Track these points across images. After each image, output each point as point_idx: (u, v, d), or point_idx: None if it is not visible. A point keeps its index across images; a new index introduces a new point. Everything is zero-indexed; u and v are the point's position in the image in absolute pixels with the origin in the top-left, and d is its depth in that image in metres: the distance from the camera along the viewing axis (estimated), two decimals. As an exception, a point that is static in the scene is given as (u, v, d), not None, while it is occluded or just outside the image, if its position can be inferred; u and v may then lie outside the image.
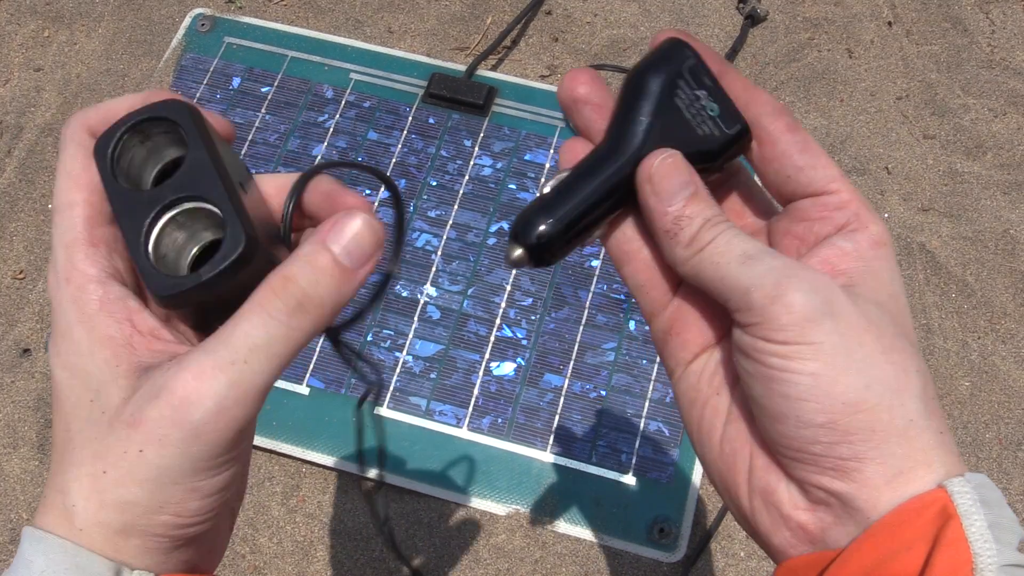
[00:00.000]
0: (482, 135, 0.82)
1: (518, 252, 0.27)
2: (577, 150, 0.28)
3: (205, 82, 0.84)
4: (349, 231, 0.25)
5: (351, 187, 0.27)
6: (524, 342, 0.74)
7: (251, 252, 0.24)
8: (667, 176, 0.26)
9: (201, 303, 0.25)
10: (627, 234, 0.29)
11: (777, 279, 0.24)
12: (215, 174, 0.24)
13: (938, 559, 0.22)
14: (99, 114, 0.26)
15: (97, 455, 0.23)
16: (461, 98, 0.82)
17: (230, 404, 0.23)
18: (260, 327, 0.23)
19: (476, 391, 0.72)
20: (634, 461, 0.69)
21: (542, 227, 0.26)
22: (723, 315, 0.28)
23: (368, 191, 0.79)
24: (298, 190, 0.27)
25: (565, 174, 0.27)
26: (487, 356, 0.73)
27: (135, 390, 0.23)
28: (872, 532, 0.23)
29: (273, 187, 0.28)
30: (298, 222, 0.28)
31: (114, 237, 0.25)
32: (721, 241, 0.25)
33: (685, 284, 0.29)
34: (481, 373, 0.72)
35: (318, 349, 0.73)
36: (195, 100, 0.83)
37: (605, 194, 0.27)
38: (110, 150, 0.25)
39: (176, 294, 0.24)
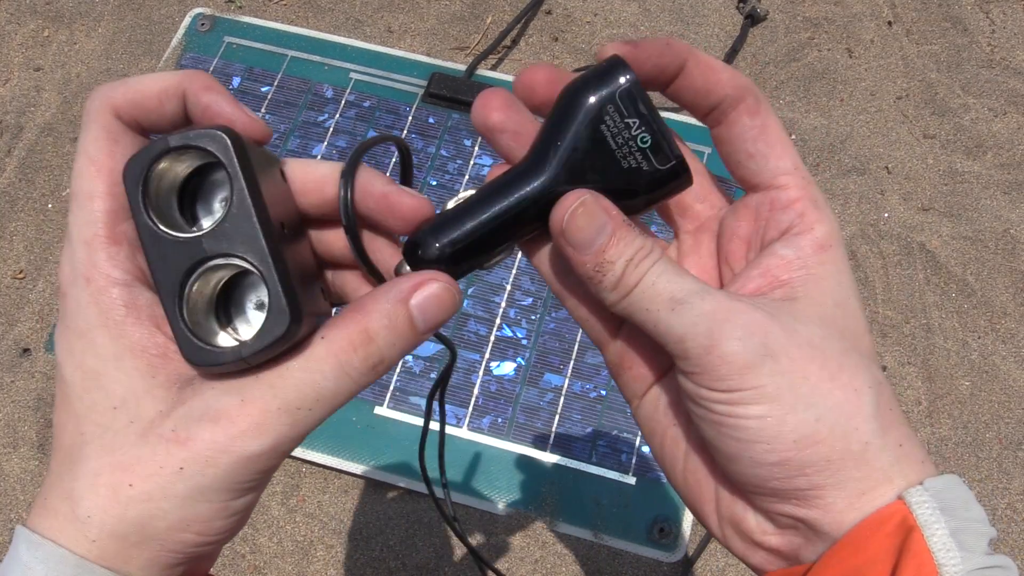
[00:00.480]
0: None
1: (406, 270, 0.26)
2: (536, 80, 0.26)
3: (205, 82, 0.84)
4: (434, 299, 0.24)
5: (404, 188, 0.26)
6: (524, 342, 0.74)
7: (296, 329, 0.22)
8: (581, 228, 0.24)
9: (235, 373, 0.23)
10: (562, 268, 0.28)
11: (709, 327, 0.23)
12: (259, 230, 0.22)
13: (903, 573, 0.22)
14: (128, 93, 0.24)
15: (121, 466, 0.22)
16: (461, 98, 0.82)
17: (285, 443, 0.23)
18: (332, 380, 0.23)
19: (476, 391, 0.72)
20: (634, 461, 0.69)
21: (432, 247, 0.25)
22: (664, 352, 0.28)
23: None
24: (347, 189, 0.25)
25: (469, 193, 0.26)
26: (487, 356, 0.73)
27: (174, 404, 0.23)
28: (836, 550, 0.23)
29: (312, 179, 0.26)
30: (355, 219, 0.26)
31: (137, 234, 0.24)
32: (647, 284, 0.24)
33: (626, 326, 0.28)
34: (481, 373, 0.72)
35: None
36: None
37: (509, 220, 0.25)
38: (142, 179, 0.23)
39: (211, 366, 0.23)
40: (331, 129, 0.82)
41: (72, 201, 0.24)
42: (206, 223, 0.24)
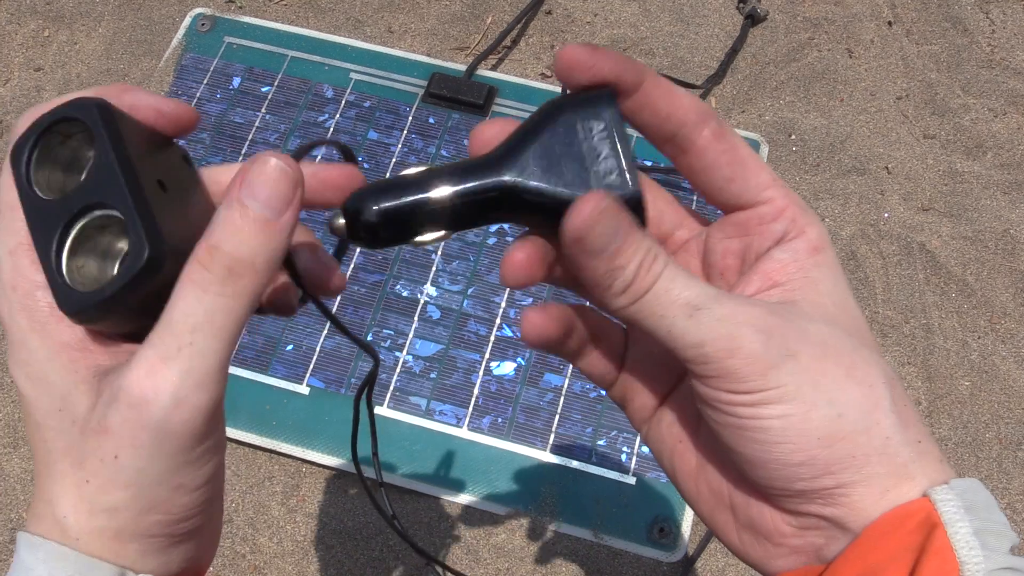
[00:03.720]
0: (482, 135, 0.82)
1: (339, 221, 0.25)
2: (486, 135, 0.27)
3: (205, 82, 0.84)
4: (260, 180, 0.23)
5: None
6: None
7: (158, 261, 0.22)
8: (602, 233, 0.23)
9: (122, 315, 0.23)
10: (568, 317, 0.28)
11: (730, 331, 0.23)
12: (120, 177, 0.22)
13: (924, 569, 0.22)
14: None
15: (76, 464, 0.23)
16: (461, 98, 0.82)
17: (188, 393, 0.22)
18: (196, 303, 0.22)
19: (476, 391, 0.72)
20: (634, 461, 0.69)
21: (368, 206, 0.25)
22: (667, 373, 0.29)
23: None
24: None
25: (424, 168, 0.26)
26: (487, 356, 0.73)
27: (99, 395, 0.23)
28: (857, 544, 0.23)
29: (226, 179, 0.26)
30: None
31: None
32: (660, 289, 0.24)
33: (628, 360, 0.29)
34: (481, 373, 0.72)
35: (318, 349, 0.73)
36: (195, 100, 0.83)
37: (448, 204, 0.25)
38: (25, 155, 0.23)
39: (83, 310, 0.22)
40: (331, 129, 0.82)
41: None
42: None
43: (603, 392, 0.71)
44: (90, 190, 0.23)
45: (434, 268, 0.76)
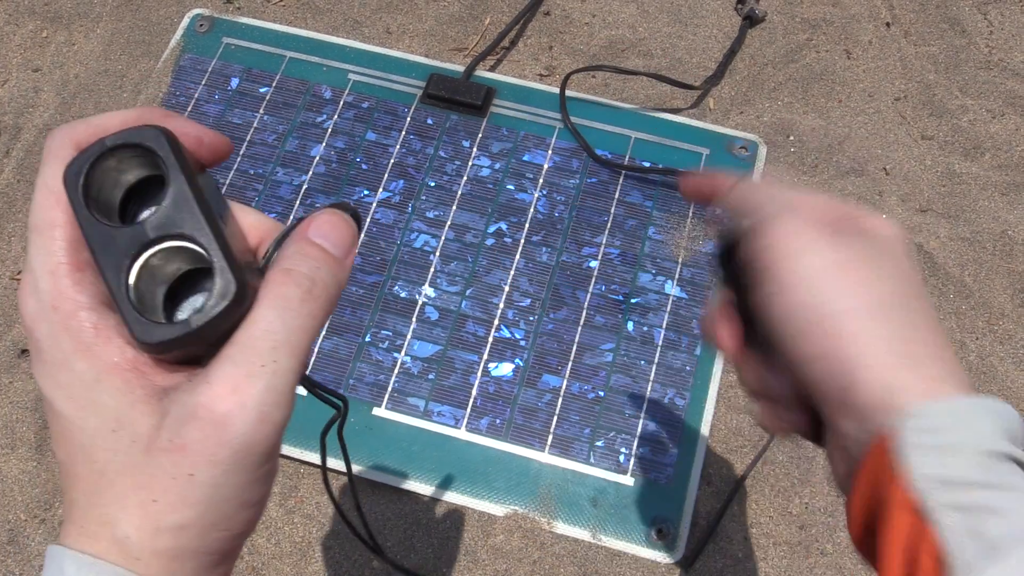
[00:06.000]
0: (480, 136, 0.82)
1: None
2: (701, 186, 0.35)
3: (203, 83, 0.84)
4: (330, 225, 0.25)
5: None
6: (522, 343, 0.74)
7: (243, 297, 0.23)
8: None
9: (196, 346, 0.24)
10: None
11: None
12: (199, 210, 0.23)
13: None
14: (89, 129, 0.25)
15: (140, 485, 0.23)
16: (459, 99, 0.82)
17: (270, 409, 0.23)
18: (278, 321, 0.23)
19: (474, 392, 0.72)
20: (632, 462, 0.69)
21: None
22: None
23: (366, 191, 0.79)
24: (286, 236, 0.26)
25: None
26: (485, 357, 0.73)
27: (163, 414, 0.23)
28: (861, 464, 0.27)
29: (247, 223, 0.27)
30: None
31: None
32: None
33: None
34: (479, 374, 0.72)
35: (316, 350, 0.73)
36: (193, 100, 0.83)
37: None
38: (82, 180, 0.23)
39: (161, 343, 0.23)
40: (329, 130, 0.82)
41: (32, 233, 0.24)
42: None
43: (601, 394, 0.71)
44: (168, 222, 0.23)
45: (432, 269, 0.76)
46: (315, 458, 0.70)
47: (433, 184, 0.80)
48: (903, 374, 0.27)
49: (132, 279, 0.23)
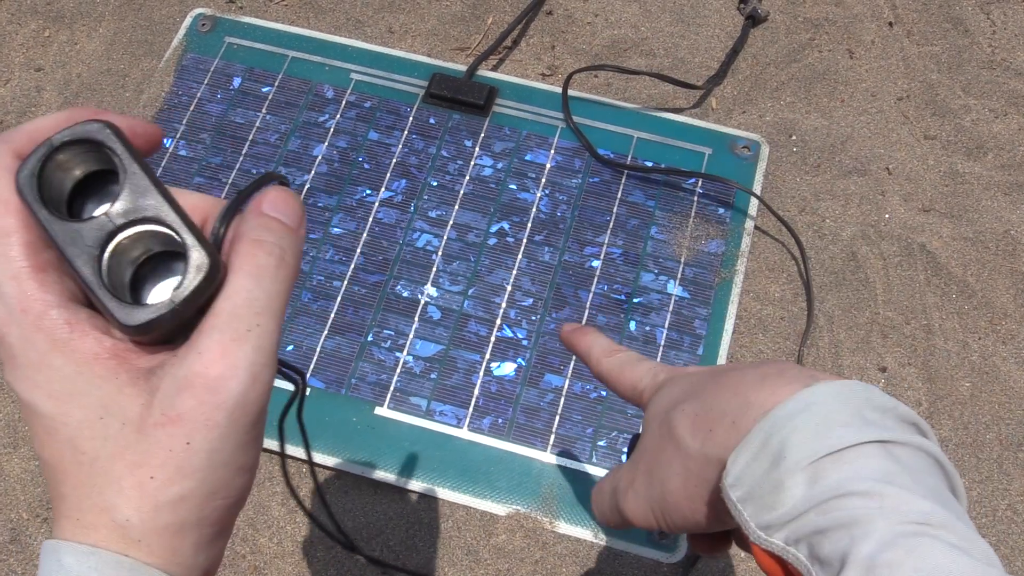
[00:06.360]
0: (483, 135, 0.82)
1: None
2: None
3: (206, 82, 0.84)
4: (282, 200, 0.26)
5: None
6: (525, 342, 0.74)
7: (216, 270, 0.24)
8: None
9: (177, 323, 0.24)
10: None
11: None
12: (159, 193, 0.24)
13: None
14: (23, 137, 0.25)
15: (136, 464, 0.23)
16: (462, 98, 0.82)
17: (260, 369, 0.24)
18: (258, 288, 0.24)
19: (476, 391, 0.72)
20: (634, 462, 0.69)
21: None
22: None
23: (369, 191, 0.79)
24: (232, 212, 0.26)
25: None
26: (487, 356, 0.73)
27: (152, 392, 0.23)
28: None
29: (189, 204, 0.27)
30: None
31: (59, 258, 0.25)
32: None
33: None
34: (482, 373, 0.72)
35: (319, 349, 0.73)
36: (196, 100, 0.83)
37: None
38: (36, 178, 0.24)
39: (148, 322, 0.23)
40: (332, 129, 0.82)
41: None
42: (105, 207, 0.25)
43: (604, 392, 0.71)
44: (131, 208, 0.24)
45: (434, 269, 0.76)
46: (317, 458, 0.70)
47: (435, 183, 0.80)
48: None
49: (105, 268, 0.24)
